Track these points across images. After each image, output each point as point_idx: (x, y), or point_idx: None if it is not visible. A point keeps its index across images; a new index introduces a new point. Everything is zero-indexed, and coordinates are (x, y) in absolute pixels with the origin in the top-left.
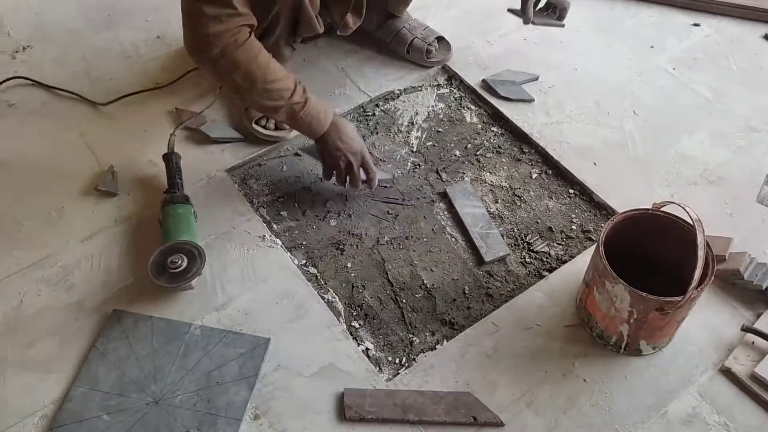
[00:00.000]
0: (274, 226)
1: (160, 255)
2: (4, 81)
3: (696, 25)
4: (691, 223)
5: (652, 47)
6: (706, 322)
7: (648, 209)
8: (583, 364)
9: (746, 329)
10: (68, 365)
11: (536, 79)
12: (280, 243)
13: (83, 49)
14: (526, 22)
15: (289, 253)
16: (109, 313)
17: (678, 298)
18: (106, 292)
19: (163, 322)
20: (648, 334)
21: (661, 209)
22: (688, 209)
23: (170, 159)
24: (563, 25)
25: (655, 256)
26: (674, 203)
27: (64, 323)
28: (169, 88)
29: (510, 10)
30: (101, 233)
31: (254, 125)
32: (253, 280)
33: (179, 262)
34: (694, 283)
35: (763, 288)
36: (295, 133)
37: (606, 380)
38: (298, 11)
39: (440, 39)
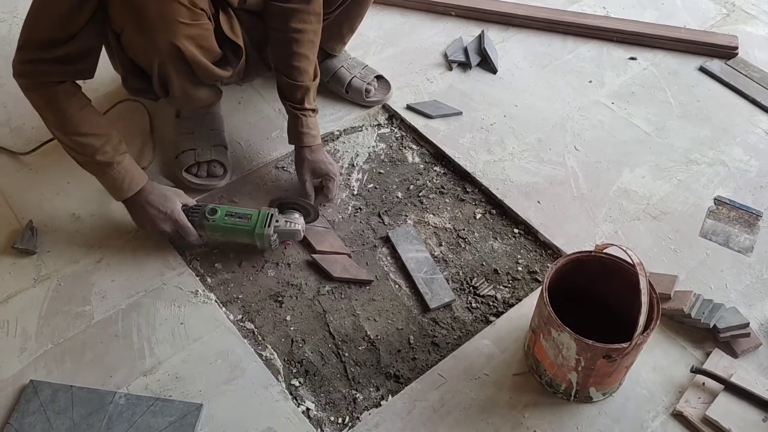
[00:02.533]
0: (208, 279)
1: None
2: None
3: (632, 58)
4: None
5: (590, 82)
6: (656, 363)
7: (591, 251)
8: (533, 415)
9: (696, 370)
10: None
11: (460, 113)
12: (214, 297)
13: (3, 97)
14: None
15: (224, 309)
16: (25, 385)
17: (624, 345)
18: (23, 360)
19: (85, 392)
20: (597, 380)
21: (604, 251)
22: (629, 252)
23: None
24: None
25: (602, 297)
26: (616, 245)
27: None
28: None
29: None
30: (18, 295)
31: (184, 173)
32: (185, 340)
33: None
34: (640, 329)
35: (711, 326)
36: (226, 180)
37: (557, 431)
38: (183, 58)
39: (379, 78)
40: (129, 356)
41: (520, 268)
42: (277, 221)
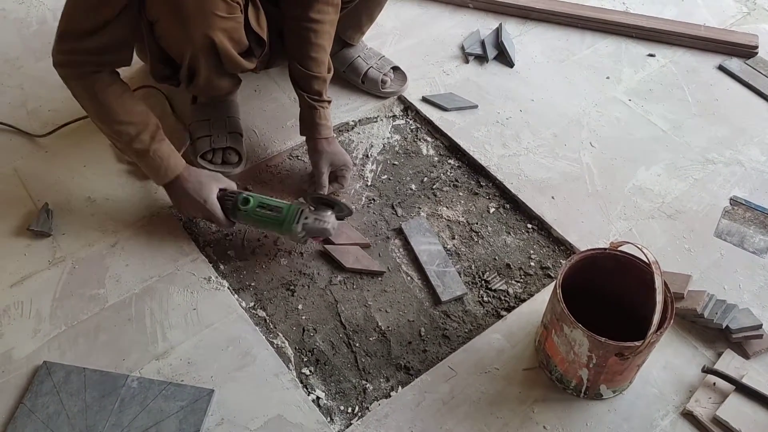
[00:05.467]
0: (221, 266)
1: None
2: None
3: (651, 55)
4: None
5: (608, 78)
6: (667, 362)
7: (605, 249)
8: (543, 410)
9: (707, 370)
10: None
11: (476, 107)
12: (226, 285)
13: (21, 79)
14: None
15: (236, 296)
16: (39, 366)
17: (637, 344)
18: (37, 341)
19: (98, 375)
20: (608, 378)
21: (619, 248)
22: (645, 250)
23: None
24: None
25: (615, 294)
26: (631, 243)
27: None
28: None
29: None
30: (33, 277)
31: (199, 159)
32: (198, 326)
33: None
34: (654, 327)
35: (723, 326)
36: (241, 168)
37: (566, 427)
38: (215, 50)
39: (396, 69)
40: (142, 340)
41: (532, 264)
42: (306, 218)
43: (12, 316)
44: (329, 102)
